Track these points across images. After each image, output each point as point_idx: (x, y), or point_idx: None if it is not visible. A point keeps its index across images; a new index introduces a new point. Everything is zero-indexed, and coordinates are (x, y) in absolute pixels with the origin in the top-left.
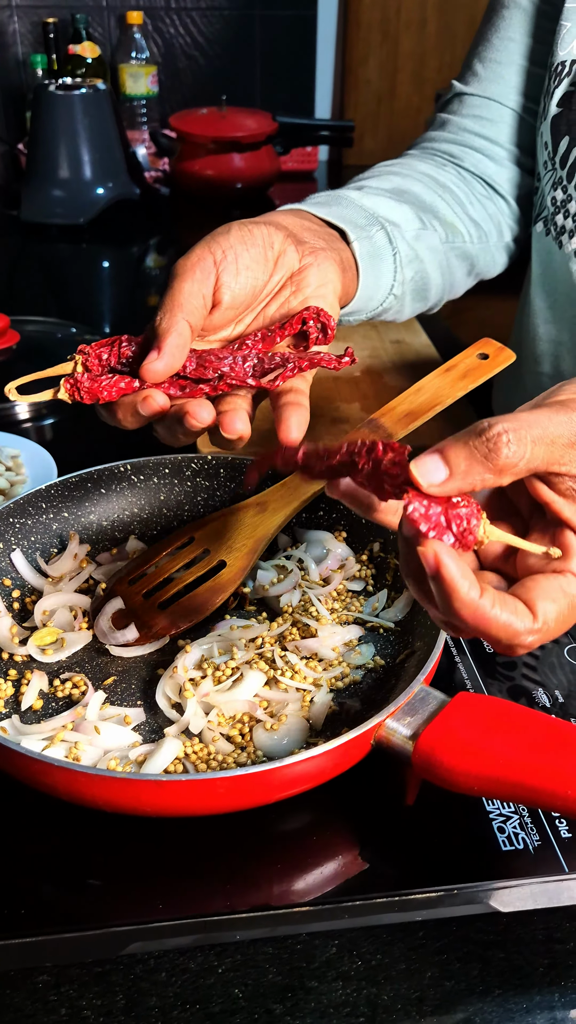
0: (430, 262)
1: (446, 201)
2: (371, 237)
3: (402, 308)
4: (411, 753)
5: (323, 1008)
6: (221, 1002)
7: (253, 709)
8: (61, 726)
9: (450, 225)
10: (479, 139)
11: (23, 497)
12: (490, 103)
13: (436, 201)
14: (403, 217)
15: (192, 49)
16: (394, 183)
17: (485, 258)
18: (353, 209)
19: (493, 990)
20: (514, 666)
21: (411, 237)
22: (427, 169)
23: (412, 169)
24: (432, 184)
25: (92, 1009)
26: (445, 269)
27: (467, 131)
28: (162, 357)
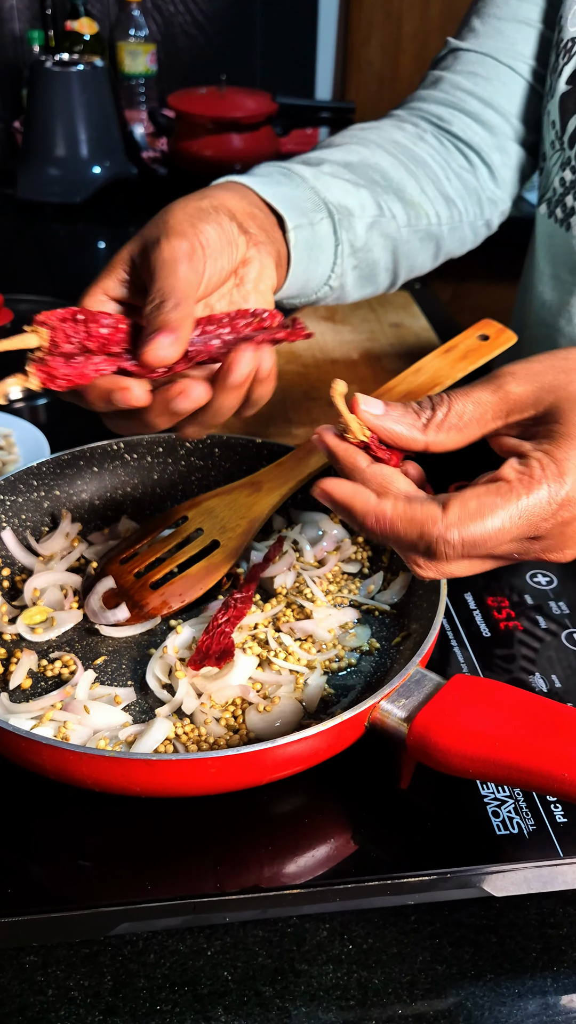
0: (381, 248)
1: (415, 178)
2: (313, 225)
3: (343, 295)
4: (406, 735)
5: (313, 991)
6: (210, 984)
7: (246, 692)
8: (50, 705)
9: (415, 205)
10: (473, 99)
11: (14, 474)
12: (486, 59)
13: (404, 178)
14: (359, 203)
15: (192, 27)
16: (360, 155)
17: (454, 236)
18: (302, 190)
19: (485, 975)
20: (512, 655)
21: (364, 226)
22: (402, 139)
23: (385, 139)
24: (404, 157)
25: (80, 990)
26: (403, 254)
27: (460, 89)
28: (176, 343)
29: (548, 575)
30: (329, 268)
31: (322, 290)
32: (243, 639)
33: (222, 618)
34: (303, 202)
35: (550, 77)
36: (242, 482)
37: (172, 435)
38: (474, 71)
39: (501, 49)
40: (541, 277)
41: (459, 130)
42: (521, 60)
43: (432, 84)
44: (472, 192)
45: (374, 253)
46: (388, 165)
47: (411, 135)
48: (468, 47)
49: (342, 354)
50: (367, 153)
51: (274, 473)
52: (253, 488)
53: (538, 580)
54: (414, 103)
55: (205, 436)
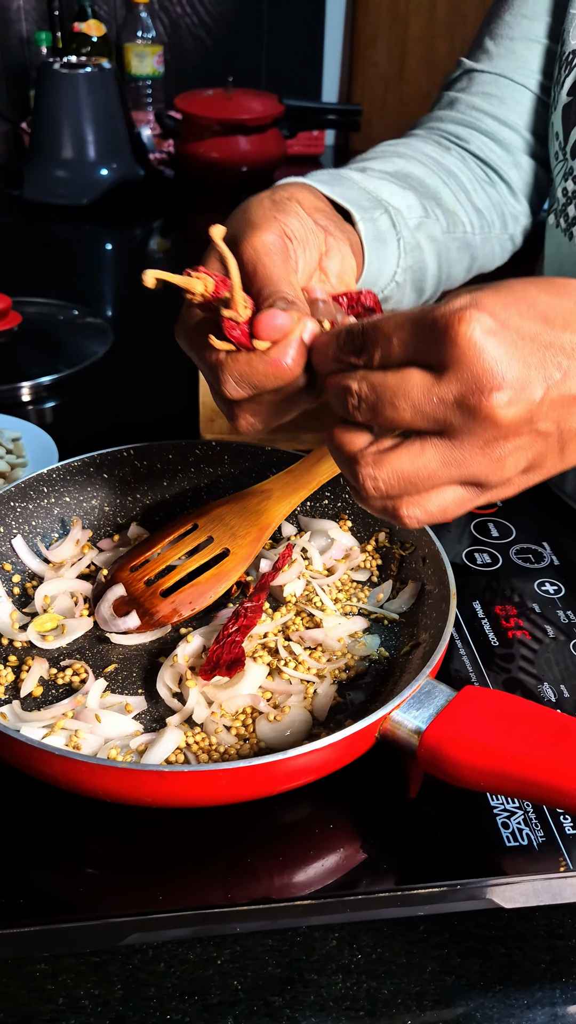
0: (429, 252)
1: (449, 187)
2: (375, 220)
3: (402, 298)
4: (416, 747)
5: (323, 1001)
6: (220, 994)
7: (256, 702)
8: (61, 714)
9: (452, 213)
10: (489, 119)
11: (24, 481)
12: (500, 80)
13: (439, 187)
14: (406, 203)
15: (199, 29)
16: (397, 166)
17: (486, 249)
18: (356, 191)
19: (494, 986)
20: (520, 665)
21: (413, 225)
22: (431, 151)
23: (416, 151)
24: (436, 168)
25: (90, 999)
26: (444, 260)
27: (476, 110)
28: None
29: (556, 584)
30: (395, 263)
31: (389, 287)
32: (253, 648)
33: (232, 627)
34: (361, 200)
35: (554, 89)
36: (252, 490)
37: (182, 442)
38: (488, 92)
39: (514, 69)
40: None
41: (476, 149)
42: (532, 77)
43: (448, 105)
44: (496, 206)
45: (424, 254)
46: (423, 174)
47: (437, 148)
48: (482, 68)
49: None
50: (402, 163)
51: (284, 481)
52: (263, 496)
53: (546, 589)
54: (431, 123)
55: (219, 441)
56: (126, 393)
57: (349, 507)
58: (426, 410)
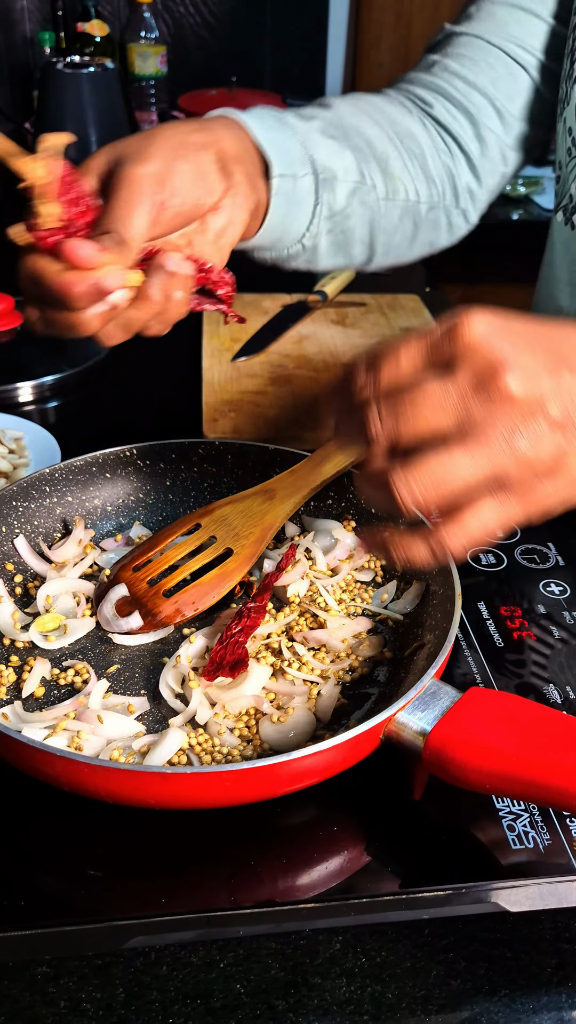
0: (360, 218)
1: (400, 152)
2: (296, 178)
3: (314, 259)
4: (422, 748)
5: (327, 1005)
6: (223, 997)
7: (259, 703)
8: (63, 715)
9: (395, 179)
10: (459, 81)
11: (26, 480)
12: (476, 41)
13: (388, 151)
14: (343, 167)
15: (202, 29)
16: (350, 121)
17: (432, 218)
18: (292, 142)
19: (500, 990)
20: (525, 665)
21: (345, 191)
22: (393, 112)
23: (377, 109)
24: (391, 130)
25: (92, 1002)
26: (379, 227)
27: (448, 71)
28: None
29: (561, 584)
30: (304, 226)
31: (294, 247)
32: (256, 649)
33: (236, 628)
34: (291, 153)
35: (565, 84)
36: (255, 489)
37: (185, 441)
38: (463, 53)
39: (491, 31)
40: (558, 284)
41: (439, 114)
42: (513, 42)
43: (425, 68)
44: (450, 177)
45: (351, 221)
46: (374, 135)
47: (399, 110)
48: (460, 29)
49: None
50: (356, 120)
51: (287, 480)
52: (266, 496)
53: (551, 589)
54: (403, 83)
55: (223, 441)
56: (129, 393)
57: (353, 507)
58: (447, 406)
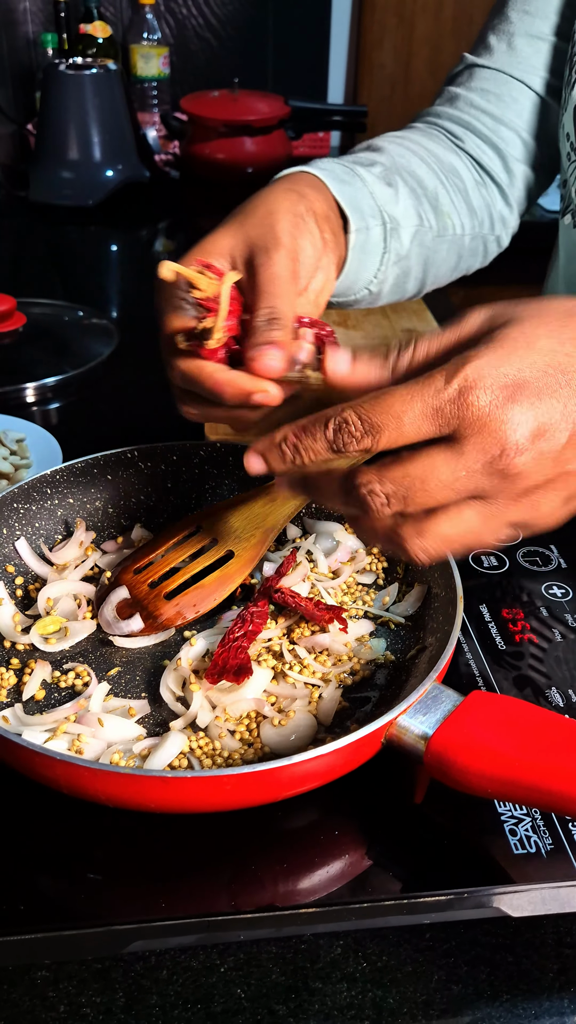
0: (416, 259)
1: (447, 188)
2: (369, 230)
3: (375, 300)
4: (423, 752)
5: (327, 1010)
6: (223, 1002)
7: (260, 706)
8: (64, 718)
9: (445, 216)
10: (486, 117)
11: (28, 482)
12: (499, 75)
13: (438, 188)
14: (404, 213)
15: (204, 31)
16: (400, 163)
17: (473, 247)
18: (363, 194)
19: (501, 995)
20: (527, 669)
21: (408, 236)
22: (434, 148)
23: (420, 147)
24: (437, 166)
25: (92, 1006)
26: (431, 263)
27: (474, 107)
28: (284, 360)
29: (563, 587)
30: (373, 274)
31: (361, 292)
32: (258, 652)
33: (238, 632)
34: (363, 206)
35: (564, 91)
36: (257, 491)
37: (186, 443)
38: (487, 88)
39: (514, 64)
40: (569, 287)
41: (471, 150)
42: (534, 74)
43: (448, 101)
44: (488, 207)
45: (410, 261)
46: (424, 174)
47: (440, 144)
48: (483, 63)
49: None
50: (406, 161)
51: None
52: (268, 498)
53: (554, 592)
54: (430, 117)
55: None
56: (131, 394)
57: None
58: (458, 485)
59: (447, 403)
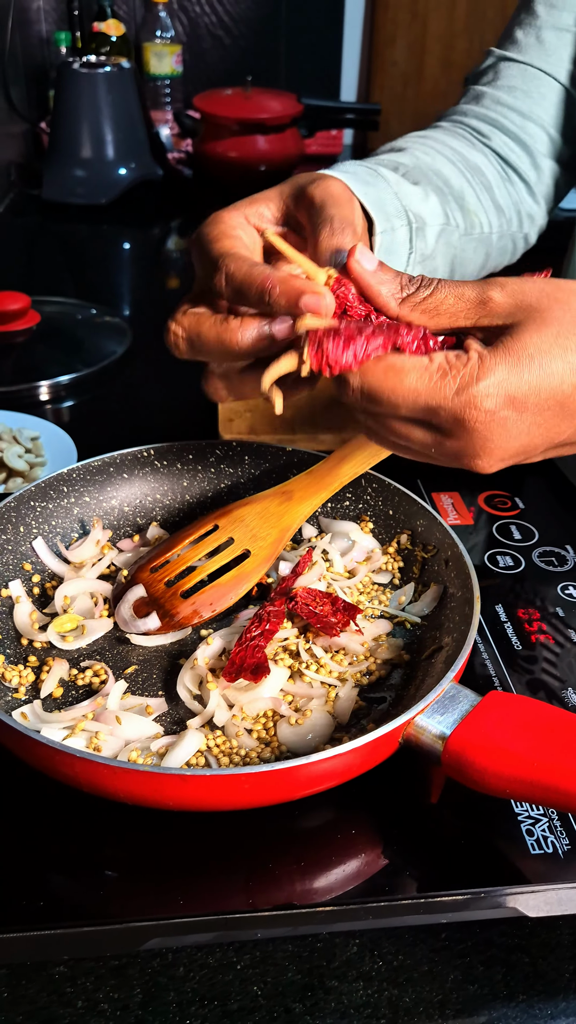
0: (443, 257)
1: (473, 186)
2: (394, 231)
3: None
4: (441, 752)
5: (343, 1008)
6: (240, 999)
7: (277, 705)
8: (82, 715)
9: (472, 214)
10: (513, 114)
11: (44, 480)
12: (528, 71)
13: (464, 187)
14: (430, 212)
15: (217, 29)
16: (426, 161)
17: (501, 245)
18: (387, 194)
19: (517, 995)
20: (543, 669)
21: (434, 235)
22: (458, 146)
23: (444, 145)
24: (462, 164)
25: (109, 1002)
26: (458, 262)
27: (501, 104)
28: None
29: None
30: None
31: None
32: (274, 651)
33: (255, 631)
34: (388, 206)
35: None
36: (273, 491)
37: (202, 442)
38: (514, 85)
39: (542, 57)
40: None
41: (498, 147)
42: (562, 67)
43: (473, 99)
44: (515, 204)
45: (436, 261)
46: (449, 172)
47: (464, 143)
48: (511, 56)
49: None
50: (429, 159)
51: (305, 482)
52: (284, 497)
53: (570, 592)
54: (456, 116)
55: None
56: (144, 392)
57: (370, 509)
58: (422, 452)
59: (448, 411)
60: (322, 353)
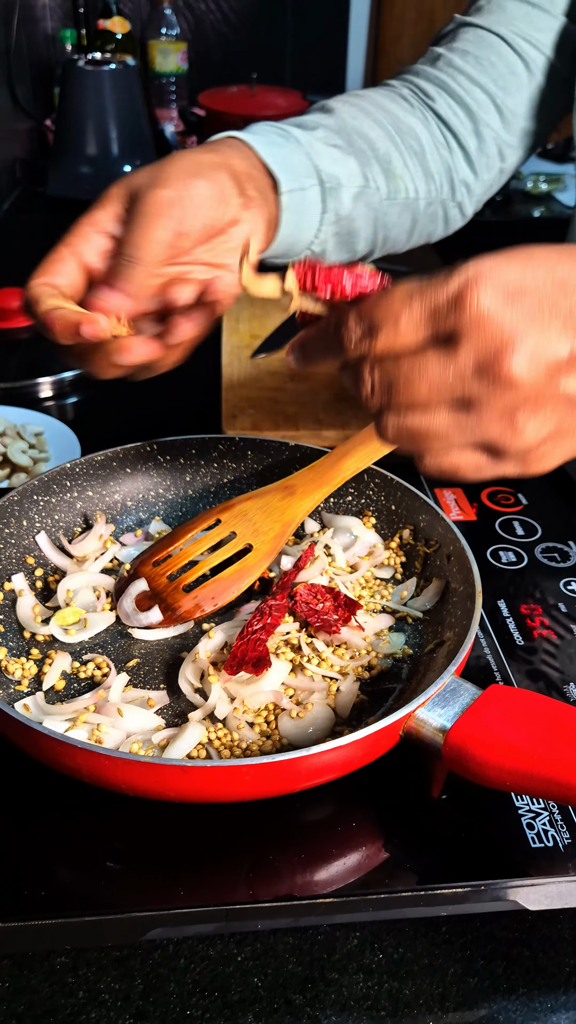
0: (364, 219)
1: (400, 151)
2: (304, 190)
3: (323, 258)
4: (441, 745)
5: (344, 1001)
6: (240, 990)
7: (279, 698)
8: (84, 708)
9: (397, 179)
10: (461, 77)
11: (47, 474)
12: (484, 35)
13: (391, 150)
14: (347, 173)
15: (223, 26)
16: (352, 124)
17: (429, 212)
18: (297, 155)
19: (518, 988)
20: (545, 664)
21: (350, 196)
22: (394, 109)
23: (378, 108)
24: (393, 129)
25: (110, 993)
26: (380, 224)
27: (452, 67)
28: (125, 302)
29: None
30: (313, 234)
31: (304, 252)
32: (276, 644)
33: (257, 624)
34: (297, 166)
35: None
36: (276, 485)
37: (205, 437)
38: (467, 49)
39: (500, 23)
40: None
41: (440, 109)
42: (521, 37)
43: (430, 60)
44: (447, 171)
45: (356, 222)
46: (376, 136)
47: (402, 106)
48: (469, 20)
49: None
50: (357, 123)
51: (308, 477)
52: (287, 492)
53: (572, 588)
54: (408, 75)
55: (243, 437)
56: (148, 388)
57: (373, 504)
58: (443, 386)
59: (446, 303)
60: (306, 275)
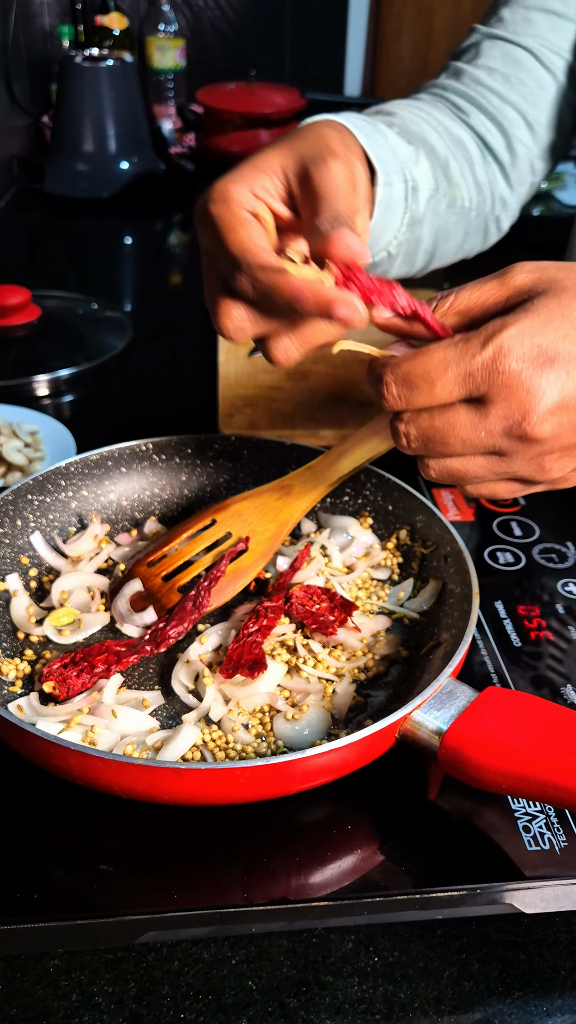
0: (429, 226)
1: (455, 158)
2: (392, 185)
3: (389, 269)
4: (437, 748)
5: (338, 1004)
6: (234, 994)
7: (274, 700)
8: (77, 709)
9: (455, 186)
10: (492, 95)
11: (42, 474)
12: (509, 50)
13: (448, 157)
14: (422, 175)
15: (221, 23)
16: (415, 128)
17: (477, 225)
18: (387, 150)
19: (513, 992)
20: (543, 666)
21: (423, 199)
22: (442, 118)
23: (429, 115)
24: (446, 136)
25: (104, 996)
26: (440, 235)
27: (480, 84)
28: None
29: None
30: (393, 234)
31: (380, 255)
32: (271, 646)
33: (253, 627)
34: (387, 161)
35: None
36: (272, 485)
37: (201, 436)
38: (494, 67)
39: (528, 34)
40: None
41: (476, 125)
42: (547, 48)
43: (453, 75)
44: (491, 184)
45: (423, 229)
46: (435, 141)
47: (448, 116)
48: (494, 33)
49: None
50: (418, 127)
51: (304, 477)
52: (283, 492)
53: (570, 589)
54: (436, 89)
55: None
56: (145, 387)
57: (370, 504)
58: (475, 444)
59: (480, 368)
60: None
